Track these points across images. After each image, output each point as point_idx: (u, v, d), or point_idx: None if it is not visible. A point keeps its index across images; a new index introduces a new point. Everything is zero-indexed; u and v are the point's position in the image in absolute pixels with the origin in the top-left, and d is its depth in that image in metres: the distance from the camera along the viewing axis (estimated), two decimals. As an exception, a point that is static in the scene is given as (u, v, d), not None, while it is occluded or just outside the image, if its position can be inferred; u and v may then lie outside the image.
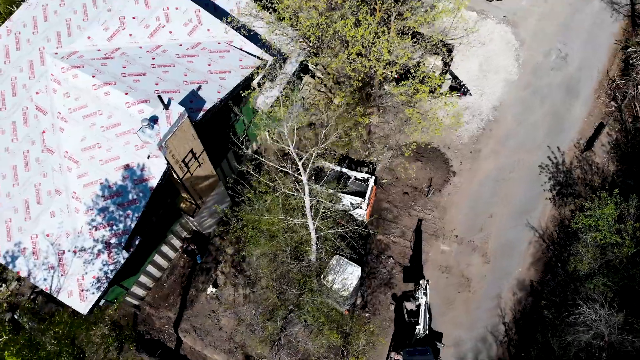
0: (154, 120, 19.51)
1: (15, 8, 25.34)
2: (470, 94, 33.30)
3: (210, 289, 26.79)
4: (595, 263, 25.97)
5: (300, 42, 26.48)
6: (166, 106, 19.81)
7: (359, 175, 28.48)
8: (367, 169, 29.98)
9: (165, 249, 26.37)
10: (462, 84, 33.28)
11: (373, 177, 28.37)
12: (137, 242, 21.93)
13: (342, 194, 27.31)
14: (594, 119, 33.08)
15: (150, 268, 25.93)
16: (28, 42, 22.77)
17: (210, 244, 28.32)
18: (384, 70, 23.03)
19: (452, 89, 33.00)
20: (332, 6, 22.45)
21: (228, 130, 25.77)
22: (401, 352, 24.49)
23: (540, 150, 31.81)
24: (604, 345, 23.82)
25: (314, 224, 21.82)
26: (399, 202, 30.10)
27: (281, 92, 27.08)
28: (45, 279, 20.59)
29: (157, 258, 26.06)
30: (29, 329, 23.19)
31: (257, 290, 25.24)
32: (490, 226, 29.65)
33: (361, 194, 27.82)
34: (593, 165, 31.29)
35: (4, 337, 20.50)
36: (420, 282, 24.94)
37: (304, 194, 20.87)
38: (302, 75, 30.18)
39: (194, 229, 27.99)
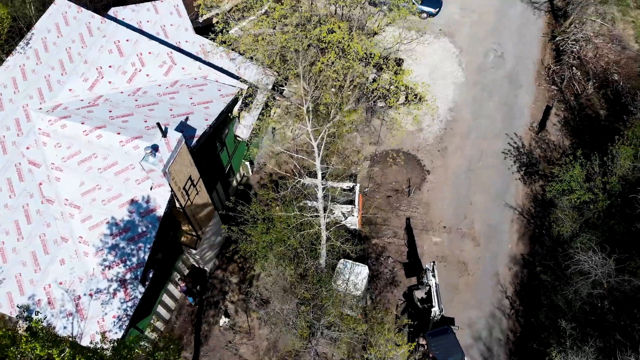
0: (155, 148, 20.43)
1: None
2: (427, 101, 35.91)
3: (223, 320, 26.90)
4: (575, 224, 28.24)
5: (267, 71, 28.41)
6: (164, 134, 20.82)
7: (344, 185, 29.97)
8: (349, 180, 31.51)
9: (171, 287, 26.50)
10: (416, 93, 35.92)
11: (358, 185, 29.94)
12: (150, 275, 22.20)
13: (333, 205, 28.61)
14: (541, 103, 36.39)
15: (160, 309, 25.90)
16: (10, 101, 23.35)
17: (212, 278, 28.60)
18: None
19: (408, 98, 35.61)
20: (302, 22, 24.50)
21: (215, 161, 26.82)
22: (423, 336, 25.34)
23: (500, 138, 34.52)
24: (604, 292, 25.69)
25: (325, 224, 22.93)
26: (385, 205, 31.65)
27: (258, 118, 28.71)
28: (65, 327, 20.41)
29: (165, 298, 26.11)
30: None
31: (272, 310, 25.64)
32: (473, 212, 31.59)
33: (350, 203, 29.26)
34: (550, 143, 34.19)
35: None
36: (427, 265, 26.23)
37: (318, 197, 22.10)
38: (271, 102, 31.82)
39: (194, 264, 28.29)
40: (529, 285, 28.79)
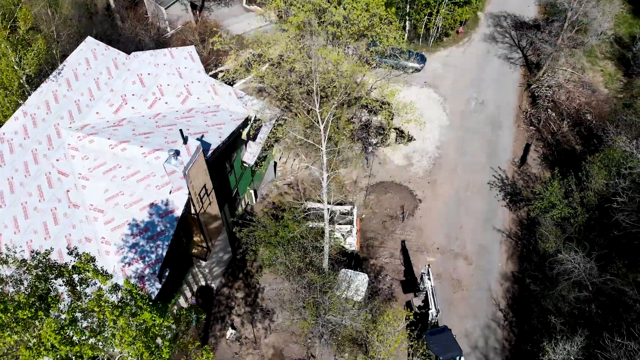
0: (177, 153, 23.17)
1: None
2: (415, 139, 39.42)
3: (230, 332, 28.26)
4: (559, 240, 30.71)
5: (272, 102, 31.91)
6: (185, 141, 23.66)
7: (343, 209, 32.53)
8: (347, 205, 34.05)
9: (181, 301, 28.09)
10: (407, 133, 39.49)
11: (355, 207, 32.51)
12: (167, 274, 24.08)
13: (333, 226, 31.04)
14: (521, 142, 39.98)
15: (170, 320, 27.29)
16: (43, 120, 26.20)
17: (219, 295, 30.21)
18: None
19: (400, 137, 39.09)
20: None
21: (224, 181, 29.45)
22: (423, 335, 26.77)
23: (484, 172, 37.66)
24: (590, 296, 27.73)
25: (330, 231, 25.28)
26: (381, 230, 34.01)
27: (263, 147, 31.78)
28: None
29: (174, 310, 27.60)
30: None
31: (279, 319, 27.24)
32: (464, 235, 33.99)
33: (349, 224, 31.69)
34: (531, 175, 37.33)
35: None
36: (422, 270, 28.25)
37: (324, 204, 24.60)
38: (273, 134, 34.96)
39: (201, 282, 30.02)
40: (520, 297, 30.69)
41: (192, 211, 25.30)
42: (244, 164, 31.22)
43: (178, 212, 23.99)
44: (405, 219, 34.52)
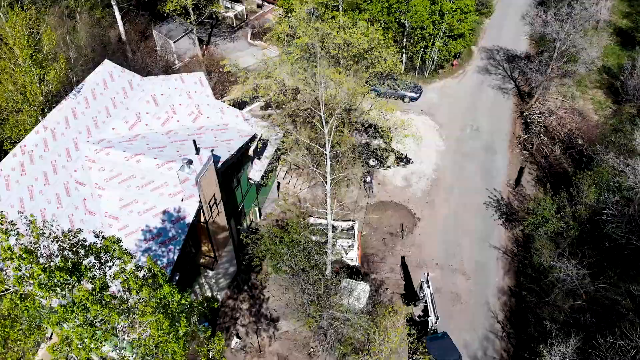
0: (190, 161, 24.83)
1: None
2: (413, 162, 41.20)
3: (235, 341, 29.18)
4: (553, 255, 32.05)
5: (276, 129, 33.88)
6: (197, 151, 25.38)
7: (344, 224, 33.97)
8: (348, 222, 35.49)
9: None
10: (405, 155, 41.29)
11: (357, 223, 33.96)
12: (177, 277, 25.33)
13: (334, 240, 32.38)
14: (515, 165, 41.77)
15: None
16: (62, 134, 27.90)
17: (224, 307, 31.25)
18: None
19: (398, 159, 40.88)
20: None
21: (231, 196, 30.99)
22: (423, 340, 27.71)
23: (480, 193, 39.24)
24: (584, 305, 28.90)
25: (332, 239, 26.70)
26: (382, 246, 35.32)
27: (269, 164, 33.50)
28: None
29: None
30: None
31: (283, 328, 28.27)
32: (462, 252, 35.28)
33: (349, 239, 33.08)
34: (526, 196, 38.88)
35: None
36: (422, 278, 29.42)
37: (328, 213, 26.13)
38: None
39: (207, 293, 31.11)
40: (518, 310, 31.75)
41: (202, 219, 26.74)
42: (250, 180, 32.82)
43: (189, 219, 25.43)
44: (404, 236, 35.88)
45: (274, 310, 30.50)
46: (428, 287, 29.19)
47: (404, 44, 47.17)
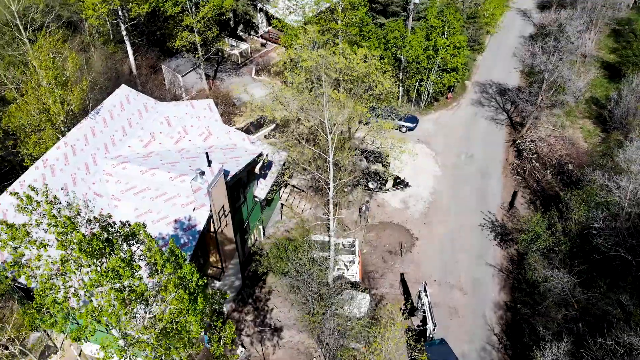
0: (202, 172, 26.81)
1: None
2: (410, 186, 43.22)
3: (240, 350, 30.38)
4: (546, 270, 33.65)
5: (279, 151, 36.15)
6: (209, 163, 27.39)
7: (345, 241, 35.65)
8: (349, 239, 37.17)
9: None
10: (403, 179, 43.34)
11: (357, 240, 35.66)
12: (188, 283, 26.82)
13: (336, 256, 34.02)
14: (509, 189, 43.77)
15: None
16: (82, 150, 29.92)
17: (229, 319, 32.53)
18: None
19: (396, 183, 42.91)
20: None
21: (238, 211, 32.81)
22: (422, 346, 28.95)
23: (476, 215, 41.11)
24: (577, 314, 30.30)
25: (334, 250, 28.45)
26: (381, 264, 36.87)
27: (273, 182, 35.50)
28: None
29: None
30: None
31: (287, 337, 29.57)
32: (459, 269, 36.82)
33: (351, 255, 34.73)
34: (519, 218, 40.72)
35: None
36: (419, 288, 30.86)
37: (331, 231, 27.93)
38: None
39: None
40: (514, 323, 33.07)
41: (212, 229, 28.50)
42: (255, 198, 34.72)
43: (200, 227, 27.20)
44: (403, 254, 37.49)
45: (278, 321, 31.81)
46: (426, 295, 30.67)
47: (401, 78, 49.99)
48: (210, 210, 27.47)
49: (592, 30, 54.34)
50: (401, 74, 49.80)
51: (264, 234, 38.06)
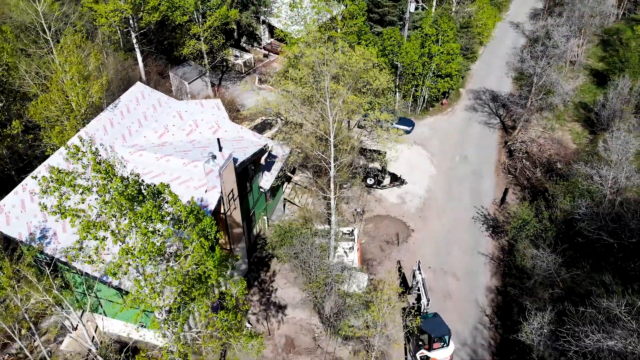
0: (214, 156, 29.59)
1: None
2: (407, 183, 45.96)
3: (247, 326, 32.75)
4: (532, 250, 36.17)
5: (283, 147, 39.00)
6: (220, 149, 30.19)
7: (345, 229, 38.28)
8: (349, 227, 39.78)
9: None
10: (399, 176, 46.12)
11: (356, 229, 38.27)
12: (200, 258, 29.35)
13: (337, 243, 36.64)
14: (500, 187, 46.54)
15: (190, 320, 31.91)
16: (101, 140, 32.65)
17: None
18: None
19: (393, 180, 45.67)
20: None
21: (244, 199, 35.48)
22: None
23: (469, 210, 43.81)
24: (562, 293, 32.79)
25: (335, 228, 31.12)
26: (379, 252, 39.41)
27: (277, 177, 38.26)
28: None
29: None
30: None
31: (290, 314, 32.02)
32: (453, 259, 39.36)
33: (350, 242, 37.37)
34: (510, 212, 43.39)
35: None
36: (414, 267, 33.39)
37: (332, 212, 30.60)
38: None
39: (222, 287, 34.86)
40: (504, 305, 35.50)
41: (222, 210, 31.14)
42: (261, 189, 37.43)
43: (211, 207, 29.83)
44: (400, 244, 40.06)
45: (282, 299, 34.23)
46: (420, 273, 33.18)
47: (397, 83, 53.10)
48: (221, 192, 30.15)
49: (580, 38, 57.71)
50: (397, 79, 52.91)
51: (268, 225, 40.64)
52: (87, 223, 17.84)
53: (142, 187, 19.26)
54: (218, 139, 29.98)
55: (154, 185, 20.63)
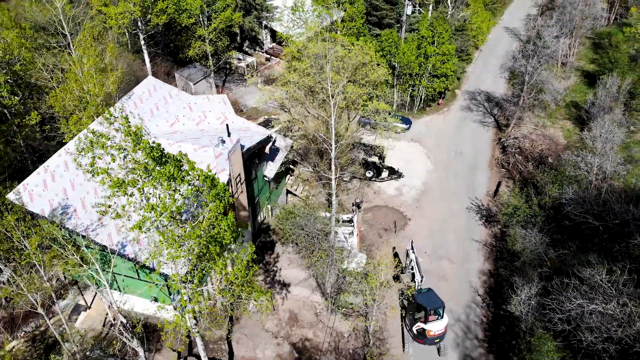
0: (223, 140, 32.14)
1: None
2: (404, 176, 48.50)
3: (252, 303, 35.00)
4: (524, 242, 38.66)
5: (286, 139, 41.61)
6: (229, 134, 32.76)
7: (345, 216, 40.75)
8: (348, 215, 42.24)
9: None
10: (397, 169, 48.67)
11: (355, 215, 40.74)
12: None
13: (337, 228, 39.09)
14: (494, 180, 49.09)
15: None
16: (117, 128, 35.40)
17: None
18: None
19: (391, 173, 48.23)
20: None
21: (250, 186, 37.96)
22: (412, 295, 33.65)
23: (464, 200, 46.32)
24: (550, 272, 35.16)
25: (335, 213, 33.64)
26: (377, 239, 41.82)
27: (281, 165, 40.81)
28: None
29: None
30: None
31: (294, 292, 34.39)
32: (448, 244, 41.78)
33: (350, 227, 39.83)
34: (503, 203, 45.90)
35: None
36: (407, 247, 35.84)
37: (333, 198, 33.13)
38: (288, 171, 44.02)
39: (229, 268, 37.22)
40: (496, 286, 37.85)
41: (230, 192, 33.60)
42: (265, 178, 39.94)
43: (220, 188, 32.31)
44: (397, 232, 42.48)
45: (286, 278, 36.57)
46: (413, 252, 35.59)
47: (395, 84, 55.89)
48: (230, 175, 32.66)
49: (570, 38, 60.66)
50: (395, 80, 55.71)
51: (272, 213, 43.09)
52: (118, 180, 20.28)
53: (163, 153, 21.70)
54: (227, 125, 32.56)
55: (173, 155, 23.10)
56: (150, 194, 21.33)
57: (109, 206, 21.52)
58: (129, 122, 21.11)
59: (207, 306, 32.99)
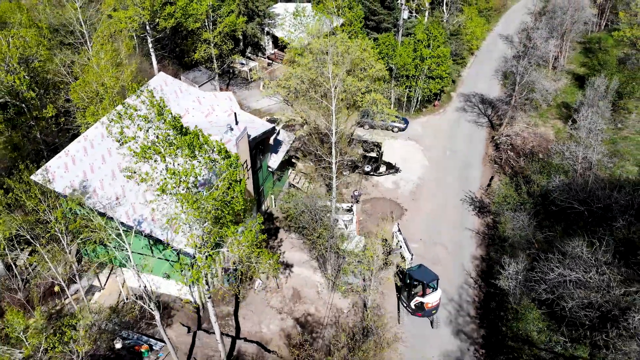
0: (231, 128, 35.14)
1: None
2: (401, 171, 51.47)
3: (257, 282, 37.73)
4: (513, 225, 41.44)
5: (289, 133, 44.60)
6: (237, 122, 35.77)
7: (345, 205, 43.63)
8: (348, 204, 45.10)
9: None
10: (394, 164, 51.65)
11: (355, 205, 43.63)
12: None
13: (338, 216, 41.96)
14: (487, 175, 52.05)
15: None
16: (132, 118, 38.38)
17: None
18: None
19: (389, 167, 51.20)
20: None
21: (255, 175, 40.88)
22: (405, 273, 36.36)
23: (458, 193, 49.23)
24: (538, 253, 37.95)
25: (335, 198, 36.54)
26: (375, 227, 44.58)
27: (283, 157, 43.77)
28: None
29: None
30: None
31: (297, 271, 37.15)
32: (442, 233, 44.59)
33: (349, 214, 42.72)
34: (495, 194, 48.81)
35: None
36: (394, 229, 38.72)
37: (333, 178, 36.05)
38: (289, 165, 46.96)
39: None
40: (488, 270, 40.59)
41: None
42: (269, 168, 42.89)
43: (228, 172, 35.21)
44: (394, 221, 45.31)
45: (289, 260, 39.32)
46: (400, 234, 38.49)
47: (392, 86, 59.11)
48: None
49: (562, 43, 64.08)
50: (392, 81, 58.93)
51: (275, 204, 45.96)
52: (144, 146, 23.21)
53: (182, 125, 24.68)
54: (235, 113, 35.59)
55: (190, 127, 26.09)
56: (170, 162, 24.22)
57: (134, 172, 24.37)
58: (154, 95, 24.04)
59: (214, 288, 35.80)
